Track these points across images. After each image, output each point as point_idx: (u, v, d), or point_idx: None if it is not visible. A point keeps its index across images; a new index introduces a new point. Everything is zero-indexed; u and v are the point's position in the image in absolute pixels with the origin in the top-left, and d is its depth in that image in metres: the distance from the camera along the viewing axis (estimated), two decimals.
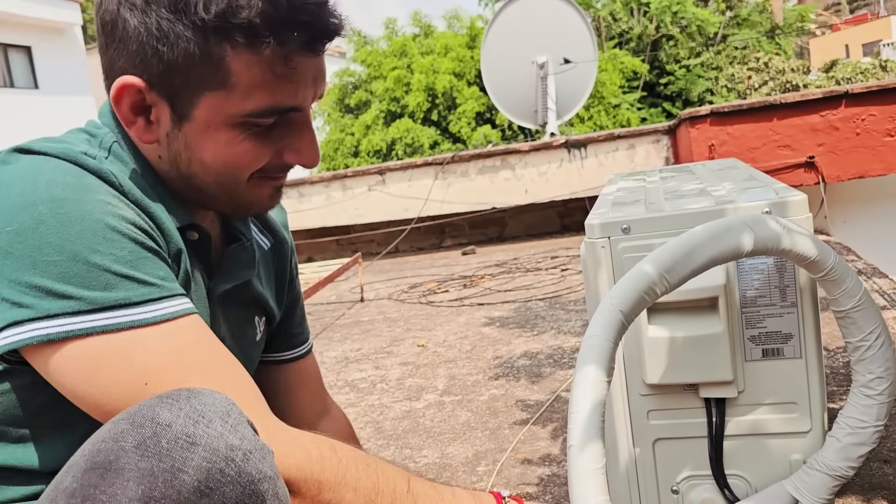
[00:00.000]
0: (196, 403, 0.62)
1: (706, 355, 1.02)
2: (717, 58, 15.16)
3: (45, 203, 0.69)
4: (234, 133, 0.79)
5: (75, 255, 0.69)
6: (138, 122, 0.80)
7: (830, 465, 0.98)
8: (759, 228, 0.90)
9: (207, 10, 0.73)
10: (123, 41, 0.77)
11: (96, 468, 0.59)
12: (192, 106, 0.78)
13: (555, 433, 1.99)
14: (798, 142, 4.02)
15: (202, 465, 0.59)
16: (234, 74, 0.76)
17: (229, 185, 0.83)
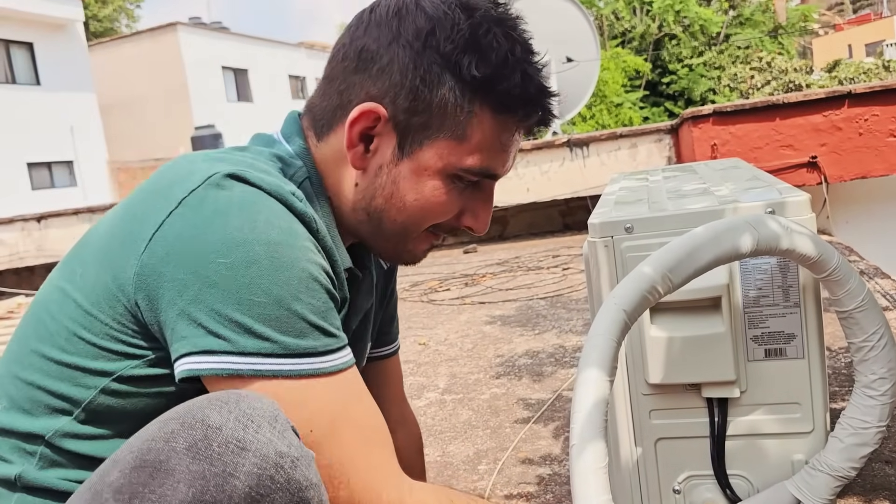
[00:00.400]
0: (245, 407, 0.63)
1: (708, 355, 1.02)
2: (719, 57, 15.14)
3: (261, 244, 0.71)
4: (442, 182, 0.85)
5: (280, 301, 0.71)
6: (358, 148, 0.84)
7: (833, 465, 0.98)
8: (762, 228, 0.90)
9: (478, 69, 0.80)
10: (384, 72, 0.82)
11: (146, 467, 0.60)
12: (420, 147, 0.84)
13: (556, 432, 1.99)
14: (801, 142, 4.01)
15: (253, 472, 0.60)
16: (472, 130, 0.83)
17: (408, 231, 0.88)
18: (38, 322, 0.79)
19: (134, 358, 0.75)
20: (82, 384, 0.75)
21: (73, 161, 18.29)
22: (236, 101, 23.61)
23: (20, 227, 6.71)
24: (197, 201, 0.73)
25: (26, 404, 0.77)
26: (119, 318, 0.74)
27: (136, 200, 0.78)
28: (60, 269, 0.82)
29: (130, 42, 22.45)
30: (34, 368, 0.77)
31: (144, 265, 0.72)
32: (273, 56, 25.23)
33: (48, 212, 6.82)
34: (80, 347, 0.75)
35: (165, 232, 0.72)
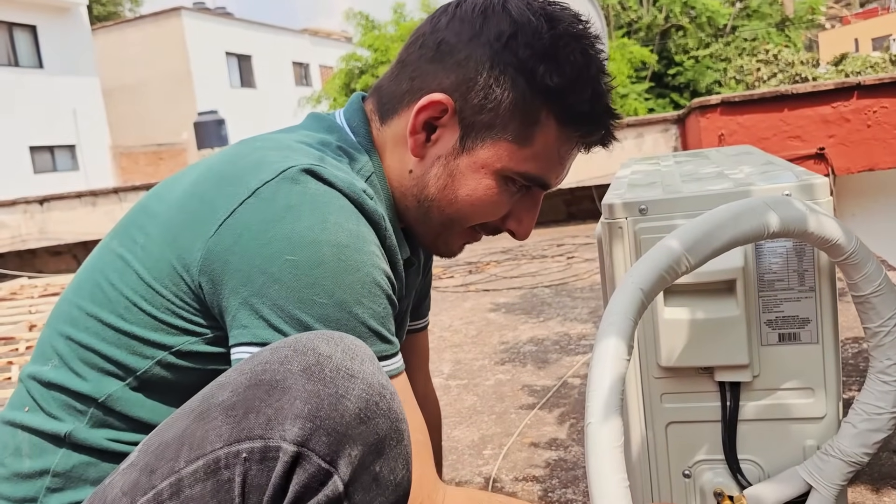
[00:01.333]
0: (349, 342, 0.67)
1: (722, 339, 1.01)
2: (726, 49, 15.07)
3: (329, 246, 0.72)
4: (496, 183, 0.86)
5: (342, 303, 0.72)
6: (420, 135, 0.86)
7: (845, 451, 0.98)
8: (781, 210, 0.89)
9: (552, 79, 0.82)
10: (460, 66, 0.83)
11: (262, 385, 0.63)
12: (482, 144, 0.85)
13: (561, 418, 1.99)
14: (809, 133, 3.99)
15: (362, 396, 0.64)
16: (535, 137, 0.85)
17: (453, 224, 0.90)
18: (95, 286, 0.80)
19: (193, 335, 0.76)
20: (139, 353, 0.77)
21: (76, 145, 18.27)
22: (240, 87, 23.55)
23: (22, 209, 6.70)
24: (270, 194, 0.73)
25: (78, 365, 0.78)
26: (182, 295, 0.75)
27: (206, 182, 0.78)
28: (118, 236, 0.82)
29: (134, 26, 22.38)
30: (90, 332, 0.78)
31: (211, 251, 0.73)
32: (277, 42, 25.15)
33: (50, 194, 6.81)
34: (140, 318, 0.76)
35: (236, 220, 0.73)
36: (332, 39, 28.96)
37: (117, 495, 0.65)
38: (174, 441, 0.65)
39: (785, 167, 1.19)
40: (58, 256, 6.93)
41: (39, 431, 0.79)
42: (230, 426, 0.63)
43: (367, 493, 0.64)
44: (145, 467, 0.65)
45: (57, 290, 5.14)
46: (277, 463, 0.61)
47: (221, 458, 0.62)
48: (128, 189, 6.64)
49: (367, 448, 0.63)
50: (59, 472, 0.77)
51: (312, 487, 0.62)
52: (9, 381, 3.00)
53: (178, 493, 0.63)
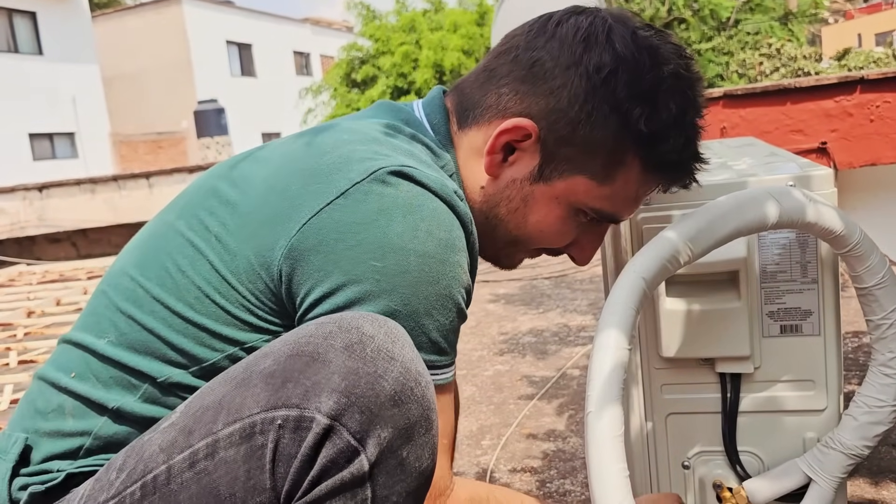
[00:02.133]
0: (392, 326, 0.67)
1: (723, 330, 1.00)
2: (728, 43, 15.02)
3: (416, 255, 0.71)
4: (568, 214, 0.84)
5: (413, 313, 0.72)
6: (497, 156, 0.83)
7: (846, 443, 0.97)
8: (785, 200, 0.88)
9: (646, 125, 0.78)
10: (553, 94, 0.80)
11: (302, 356, 0.64)
12: (560, 177, 0.82)
13: (560, 409, 1.99)
14: (811, 127, 3.98)
15: (399, 379, 0.64)
16: (616, 178, 0.82)
17: (518, 245, 0.89)
18: (162, 270, 0.78)
19: (267, 332, 0.76)
20: (208, 345, 0.76)
21: (75, 133, 18.22)
22: (240, 75, 23.47)
23: (22, 196, 6.69)
24: (361, 195, 0.72)
25: (139, 346, 0.77)
26: (258, 294, 0.74)
27: (290, 176, 0.76)
28: (184, 217, 0.80)
29: (134, 14, 22.28)
30: (156, 317, 0.77)
31: (293, 248, 0.72)
32: (278, 31, 25.05)
33: (50, 181, 6.80)
34: (212, 310, 0.75)
35: (323, 220, 0.71)
36: (333, 29, 28.86)
37: (155, 451, 0.67)
38: (214, 405, 0.66)
39: (788, 158, 1.18)
40: (56, 243, 6.92)
41: (85, 398, 0.78)
42: (268, 393, 0.63)
43: (390, 477, 0.64)
44: (184, 428, 0.66)
45: (55, 277, 5.14)
46: (309, 433, 0.62)
47: (257, 422, 0.63)
48: (127, 177, 6.62)
49: (396, 431, 0.64)
50: (100, 436, 0.77)
51: (339, 463, 0.62)
52: (7, 367, 2.99)
53: (213, 454, 0.64)
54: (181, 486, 0.64)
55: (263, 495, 0.63)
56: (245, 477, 0.63)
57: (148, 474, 0.66)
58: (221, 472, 0.63)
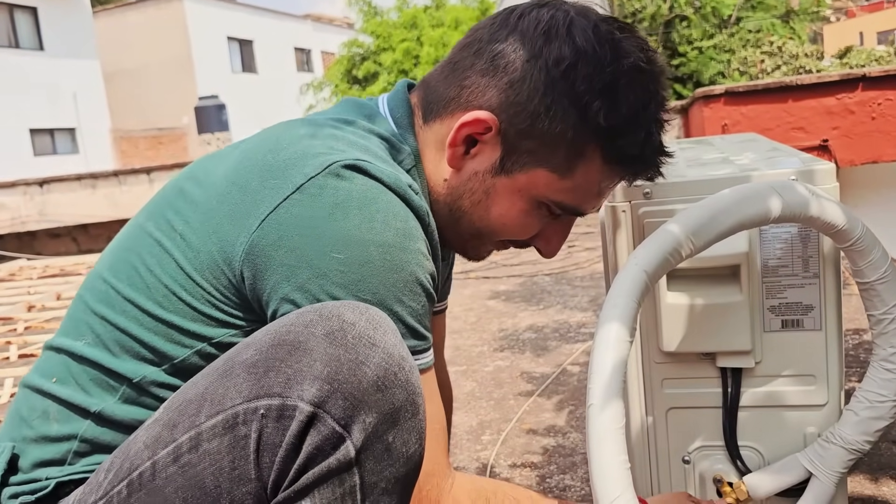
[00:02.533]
0: (374, 313, 0.68)
1: (725, 324, 1.00)
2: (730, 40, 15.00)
3: (376, 245, 0.72)
4: (530, 207, 0.85)
5: (383, 301, 0.72)
6: (459, 149, 0.84)
7: (847, 438, 0.97)
8: (787, 194, 0.88)
9: (605, 118, 0.78)
10: (513, 87, 0.80)
11: (284, 345, 0.64)
12: (521, 169, 0.82)
13: (560, 405, 1.99)
14: (812, 124, 3.97)
15: (381, 365, 0.64)
16: (577, 171, 0.82)
17: (482, 237, 0.89)
18: (132, 271, 0.79)
19: (233, 327, 0.76)
20: (178, 342, 0.77)
21: (76, 128, 18.21)
22: (241, 72, 23.45)
23: (22, 191, 6.68)
24: (316, 189, 0.72)
25: (113, 346, 0.78)
26: (221, 289, 0.75)
27: (248, 172, 0.77)
28: (153, 218, 0.81)
29: (135, 9, 22.24)
30: (127, 316, 0.78)
31: (255, 245, 0.73)
32: (279, 28, 25.02)
33: (50, 176, 6.79)
34: (179, 307, 0.76)
35: (281, 215, 0.72)
36: (334, 25, 28.83)
37: (140, 448, 0.67)
38: (196, 398, 0.66)
39: (790, 153, 1.18)
40: (57, 239, 6.91)
41: (68, 403, 0.79)
42: (250, 383, 0.63)
43: (378, 463, 0.64)
44: (168, 422, 0.67)
45: (56, 271, 5.14)
46: (293, 422, 0.62)
47: (240, 413, 0.63)
48: (127, 172, 6.61)
49: (381, 417, 0.64)
50: (86, 439, 0.78)
51: (325, 450, 0.62)
52: (7, 361, 2.99)
53: (197, 447, 0.64)
54: (166, 480, 0.65)
55: (249, 485, 0.63)
56: (230, 468, 0.63)
57: (134, 471, 0.66)
58: (206, 464, 0.63)
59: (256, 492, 0.63)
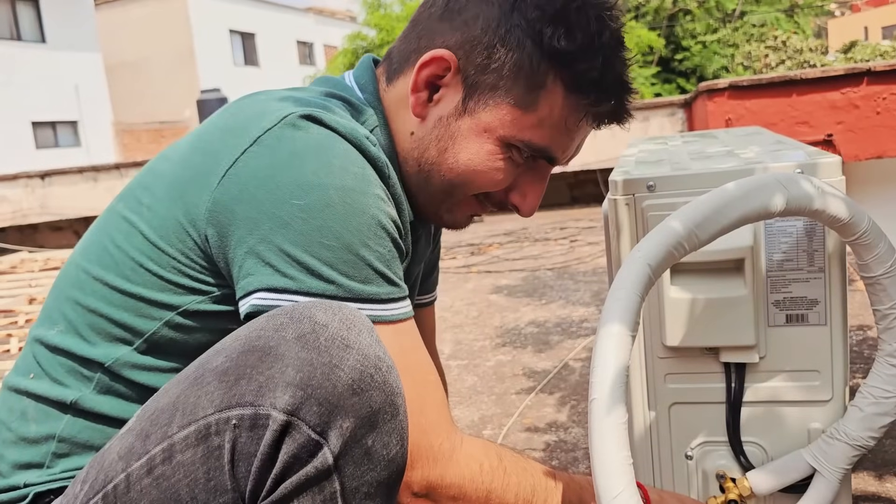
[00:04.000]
0: (347, 312, 0.66)
1: (729, 319, 0.99)
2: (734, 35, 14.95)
3: (336, 189, 0.71)
4: (499, 149, 0.83)
5: (349, 246, 0.71)
6: (422, 94, 0.84)
7: (851, 434, 0.96)
8: (792, 187, 0.86)
9: (560, 42, 0.78)
10: (467, 24, 0.81)
11: (255, 351, 0.63)
12: (484, 107, 0.82)
13: (562, 401, 1.98)
14: (817, 119, 3.95)
15: (356, 367, 0.63)
16: (540, 103, 0.81)
17: (454, 191, 0.87)
18: (102, 250, 0.79)
19: (200, 293, 0.76)
20: (146, 315, 0.76)
21: (78, 121, 18.21)
22: (243, 65, 23.42)
23: (24, 183, 6.68)
24: (273, 140, 0.72)
25: (85, 330, 0.78)
26: (188, 252, 0.75)
27: (208, 136, 0.78)
28: (124, 199, 0.82)
29: (138, 2, 22.20)
30: (97, 296, 0.78)
31: (217, 201, 0.72)
32: (281, 21, 24.98)
33: (52, 169, 6.79)
34: (146, 279, 0.76)
35: (239, 169, 0.72)
36: (336, 19, 28.77)
37: (113, 459, 0.66)
38: (168, 407, 0.65)
39: (795, 146, 1.17)
40: (59, 231, 6.91)
41: (44, 398, 0.78)
42: (222, 392, 0.62)
43: (358, 467, 0.63)
44: (140, 432, 0.65)
45: (57, 264, 5.13)
46: (267, 431, 0.60)
47: (212, 423, 0.61)
48: (129, 165, 6.60)
49: (359, 421, 0.62)
50: (64, 438, 0.77)
51: (302, 458, 0.61)
52: (7, 354, 2.99)
53: (170, 458, 0.63)
54: (141, 493, 0.63)
55: (226, 496, 0.61)
56: (205, 479, 0.61)
57: (108, 484, 0.65)
58: (180, 476, 0.62)
59: (234, 502, 0.62)
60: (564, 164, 0.91)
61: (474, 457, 0.79)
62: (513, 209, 0.91)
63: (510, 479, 0.82)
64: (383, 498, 0.66)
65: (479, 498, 0.79)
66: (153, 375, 0.78)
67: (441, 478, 0.76)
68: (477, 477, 0.78)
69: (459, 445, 0.78)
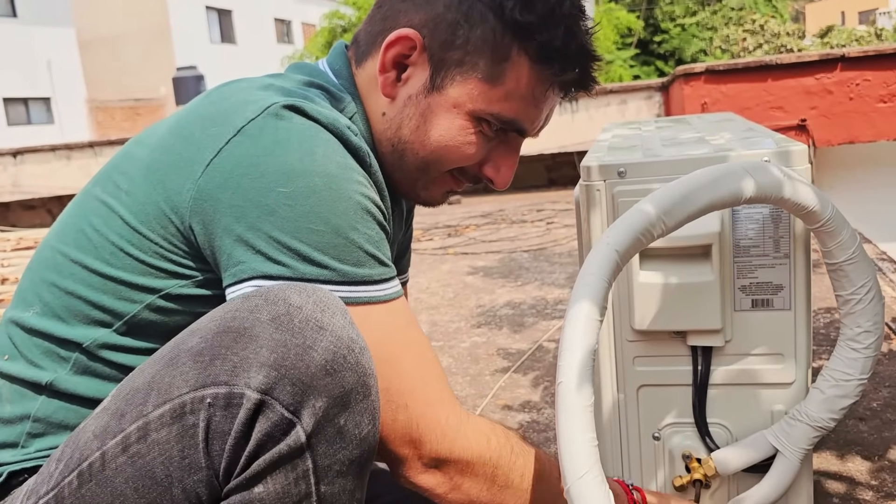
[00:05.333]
0: (321, 295, 0.67)
1: (696, 303, 1.01)
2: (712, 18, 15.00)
3: (320, 176, 0.72)
4: (469, 124, 0.84)
5: (338, 230, 0.72)
6: (391, 74, 0.85)
7: (813, 416, 0.99)
8: (759, 175, 0.88)
9: (521, 14, 0.80)
10: (430, 2, 0.83)
11: (229, 332, 0.64)
12: (451, 83, 0.83)
13: (535, 381, 2.00)
14: (791, 104, 4.00)
15: (329, 348, 0.64)
16: (506, 75, 0.83)
17: (428, 168, 0.88)
18: (79, 233, 0.79)
19: (183, 277, 0.76)
20: (127, 298, 0.77)
21: (51, 98, 17.88)
22: (220, 42, 23.10)
23: None
24: (257, 130, 0.73)
25: (63, 312, 0.78)
26: (170, 238, 0.75)
27: (189, 123, 0.78)
28: (100, 182, 0.82)
29: None
30: (75, 279, 0.78)
31: (201, 190, 0.73)
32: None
33: (24, 147, 6.68)
34: (127, 263, 0.76)
35: (224, 158, 0.72)
36: None
37: (89, 438, 0.66)
38: (144, 386, 0.65)
39: (765, 134, 1.19)
40: (31, 210, 6.81)
41: (19, 379, 0.78)
42: (197, 371, 0.63)
43: (330, 446, 0.64)
44: (116, 411, 0.66)
45: (30, 244, 5.07)
46: (241, 410, 0.61)
47: (187, 402, 0.62)
48: (103, 143, 6.51)
49: (331, 400, 0.63)
50: (39, 418, 0.77)
51: (275, 436, 0.62)
52: None
53: (145, 436, 0.63)
54: (116, 470, 0.64)
55: (200, 473, 0.62)
56: (179, 457, 0.62)
57: (83, 462, 0.66)
58: (155, 454, 0.63)
59: (208, 479, 0.63)
60: (535, 136, 0.92)
61: (482, 432, 0.80)
62: (488, 182, 0.92)
63: (517, 460, 0.83)
64: (355, 476, 0.67)
65: (485, 473, 0.80)
66: (131, 356, 0.78)
67: (450, 451, 0.77)
68: (485, 453, 0.80)
69: (466, 420, 0.79)
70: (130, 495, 0.64)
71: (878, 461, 1.42)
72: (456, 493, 0.79)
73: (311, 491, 0.64)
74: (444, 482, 0.78)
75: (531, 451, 0.86)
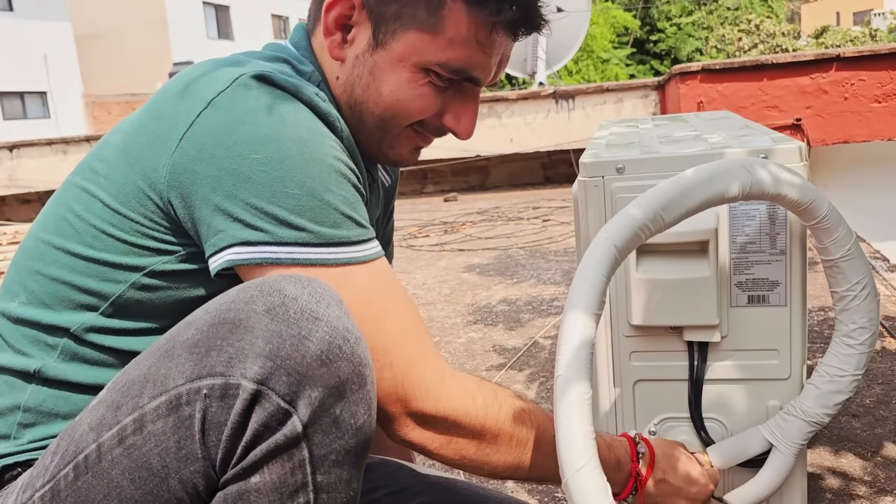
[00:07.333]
0: (316, 286, 0.67)
1: (692, 299, 1.02)
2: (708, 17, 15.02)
3: (292, 140, 0.73)
4: (418, 76, 0.84)
5: (313, 192, 0.73)
6: (336, 37, 0.85)
7: (807, 411, 1.00)
8: (756, 172, 0.89)
9: None
10: None
11: (225, 323, 0.64)
12: (393, 37, 0.83)
13: (531, 377, 2.01)
14: (786, 103, 4.01)
15: (324, 338, 0.64)
16: (445, 23, 0.81)
17: (387, 125, 0.87)
18: (60, 220, 0.80)
19: (166, 254, 0.77)
20: (111, 279, 0.77)
21: (47, 92, 17.82)
22: (217, 38, 23.04)
23: None
24: (227, 101, 0.74)
25: (49, 299, 0.78)
26: (150, 215, 0.75)
27: (160, 103, 0.79)
28: (80, 172, 0.83)
29: None
30: (59, 265, 0.78)
31: (176, 164, 0.73)
32: None
33: (20, 141, 6.65)
34: (109, 244, 0.77)
35: (196, 131, 0.73)
36: None
37: (84, 430, 0.67)
38: (139, 378, 0.66)
39: (762, 132, 1.19)
40: (28, 204, 6.80)
41: (8, 369, 0.79)
42: (192, 363, 0.63)
43: (326, 435, 0.64)
44: (111, 404, 0.66)
45: None
46: (237, 401, 0.61)
47: (183, 394, 0.63)
48: (99, 137, 6.49)
49: (327, 390, 0.64)
50: (29, 407, 0.77)
51: (271, 426, 0.62)
52: None
53: (141, 428, 0.64)
54: (112, 462, 0.64)
55: (197, 464, 0.63)
56: (176, 448, 0.63)
57: (79, 454, 0.66)
58: (151, 446, 0.63)
59: (204, 470, 0.63)
60: (491, 83, 0.91)
61: (468, 389, 0.81)
62: (452, 134, 0.91)
63: (506, 417, 0.83)
64: (351, 465, 0.68)
65: (473, 429, 0.80)
66: (119, 338, 0.78)
67: (436, 408, 0.78)
68: (471, 409, 0.80)
69: (452, 377, 0.80)
70: (127, 487, 0.64)
71: (871, 457, 1.43)
72: (446, 449, 0.80)
73: (308, 480, 0.65)
74: (433, 438, 0.79)
75: (524, 407, 0.86)
